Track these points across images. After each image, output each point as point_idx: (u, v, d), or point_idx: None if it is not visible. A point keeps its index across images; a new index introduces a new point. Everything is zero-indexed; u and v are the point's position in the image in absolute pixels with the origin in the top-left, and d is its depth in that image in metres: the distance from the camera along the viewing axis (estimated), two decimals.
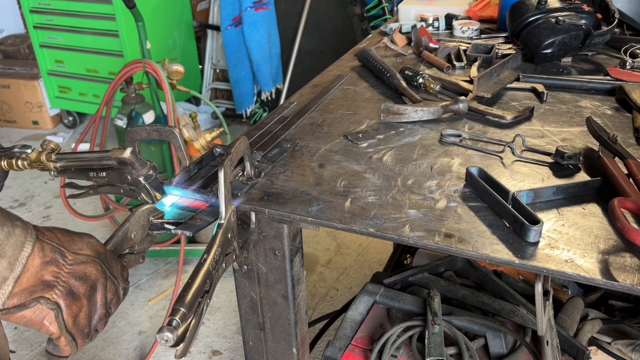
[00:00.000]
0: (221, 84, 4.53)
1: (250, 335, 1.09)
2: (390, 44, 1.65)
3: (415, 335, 1.22)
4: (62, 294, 0.71)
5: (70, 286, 0.72)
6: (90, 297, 0.75)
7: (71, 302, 0.72)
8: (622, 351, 1.27)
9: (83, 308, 0.74)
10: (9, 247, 0.66)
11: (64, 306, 0.71)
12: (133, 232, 0.85)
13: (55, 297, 0.70)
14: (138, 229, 0.86)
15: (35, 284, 0.69)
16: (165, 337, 0.64)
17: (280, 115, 1.21)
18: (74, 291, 0.72)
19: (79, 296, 0.73)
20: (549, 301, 1.08)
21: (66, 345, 0.73)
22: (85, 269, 0.74)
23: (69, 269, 0.72)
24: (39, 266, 0.69)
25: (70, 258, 0.73)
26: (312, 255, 2.95)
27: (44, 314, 0.69)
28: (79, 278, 0.73)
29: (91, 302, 0.75)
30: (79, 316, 0.73)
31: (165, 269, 2.90)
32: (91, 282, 0.75)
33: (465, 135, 1.09)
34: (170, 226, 0.87)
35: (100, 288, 0.76)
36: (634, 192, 0.83)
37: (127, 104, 2.65)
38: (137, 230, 0.86)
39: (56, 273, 0.71)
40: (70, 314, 0.72)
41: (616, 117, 1.15)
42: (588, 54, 1.49)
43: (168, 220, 0.88)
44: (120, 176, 0.91)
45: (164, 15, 3.98)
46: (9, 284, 0.66)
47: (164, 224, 0.88)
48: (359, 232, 0.84)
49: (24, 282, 0.68)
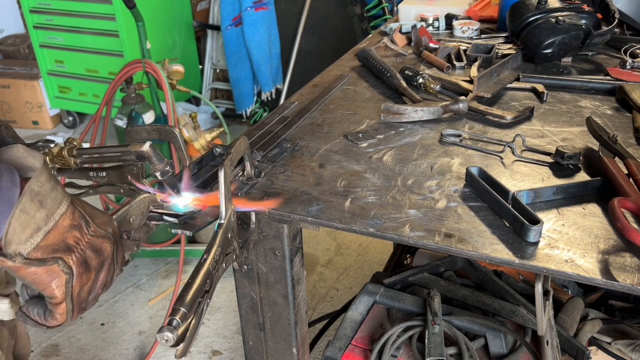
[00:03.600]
0: (221, 84, 4.53)
1: (250, 335, 1.09)
2: (390, 44, 1.65)
3: (415, 335, 1.22)
4: (77, 262, 0.71)
5: (85, 256, 0.72)
6: (98, 273, 0.75)
7: (83, 271, 0.72)
8: (622, 351, 1.27)
9: (89, 282, 0.73)
10: (50, 200, 0.67)
11: (76, 273, 0.71)
12: (132, 216, 0.85)
13: (71, 262, 0.70)
14: (137, 214, 0.86)
15: (59, 243, 0.69)
16: (165, 337, 0.64)
17: (280, 115, 1.21)
18: (87, 262, 0.72)
19: (90, 268, 0.73)
20: (549, 301, 1.08)
21: (63, 313, 0.72)
22: (102, 243, 0.75)
23: (89, 239, 0.73)
24: (66, 227, 0.69)
25: (92, 229, 0.73)
26: (312, 255, 2.95)
27: (55, 275, 0.68)
28: (95, 250, 0.73)
29: (96, 278, 0.75)
30: (84, 288, 0.73)
31: (165, 269, 2.90)
32: (103, 258, 0.75)
33: (465, 135, 1.09)
34: (169, 218, 0.87)
35: (107, 267, 0.76)
36: (634, 192, 0.83)
37: (127, 104, 2.65)
38: (136, 216, 0.86)
39: (77, 239, 0.71)
40: (79, 282, 0.71)
41: (616, 117, 1.15)
42: (588, 54, 1.49)
43: (167, 212, 0.88)
44: (120, 176, 0.91)
45: (164, 15, 3.98)
46: (39, 236, 0.66)
47: (162, 215, 0.88)
48: (359, 232, 0.84)
49: (50, 238, 0.68)
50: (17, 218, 0.63)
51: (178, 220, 0.87)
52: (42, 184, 0.66)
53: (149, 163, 0.84)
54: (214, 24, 4.31)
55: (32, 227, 0.65)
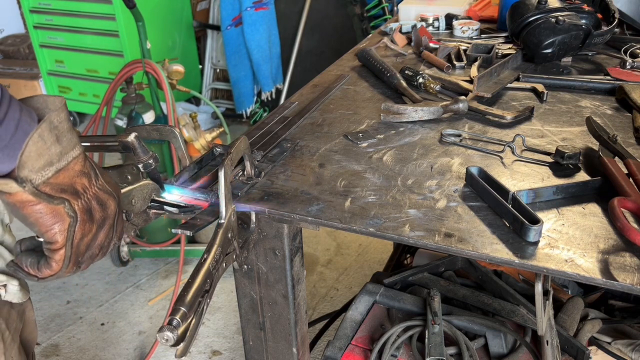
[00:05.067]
0: (221, 84, 4.53)
1: (250, 335, 1.09)
2: (391, 44, 1.65)
3: (415, 335, 1.22)
4: (82, 208, 0.71)
5: (90, 206, 0.72)
6: (99, 229, 0.74)
7: (86, 219, 0.72)
8: (622, 351, 1.27)
9: (89, 234, 0.73)
10: (66, 140, 0.68)
11: (79, 220, 0.71)
12: (135, 198, 0.85)
13: (76, 207, 0.70)
14: (140, 198, 0.86)
15: (68, 185, 0.69)
16: (165, 337, 0.64)
17: (280, 115, 1.21)
18: (92, 212, 0.72)
19: (93, 219, 0.73)
20: (549, 301, 1.08)
21: (60, 260, 0.71)
22: (108, 199, 0.75)
23: (96, 191, 0.73)
24: (76, 172, 0.70)
25: (100, 182, 0.74)
26: (312, 255, 2.95)
27: (59, 218, 0.68)
28: (100, 203, 0.74)
29: (96, 234, 0.75)
30: (84, 240, 0.73)
31: (165, 269, 2.90)
32: (106, 214, 0.75)
33: (465, 135, 1.09)
34: (169, 208, 0.88)
35: (107, 227, 0.76)
36: (634, 192, 0.83)
37: (127, 104, 2.65)
38: (138, 198, 0.86)
39: (85, 187, 0.72)
40: (81, 230, 0.71)
41: (616, 117, 1.15)
42: (588, 53, 1.49)
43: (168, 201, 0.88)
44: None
45: (164, 15, 3.98)
46: (51, 171, 0.67)
47: (163, 204, 0.88)
48: (359, 231, 0.84)
49: (61, 177, 0.68)
50: (35, 142, 0.64)
51: (179, 210, 0.87)
52: (61, 120, 0.67)
53: (134, 154, 0.85)
54: (214, 24, 4.32)
55: (45, 158, 0.66)
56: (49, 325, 2.55)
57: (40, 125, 0.65)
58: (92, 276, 2.86)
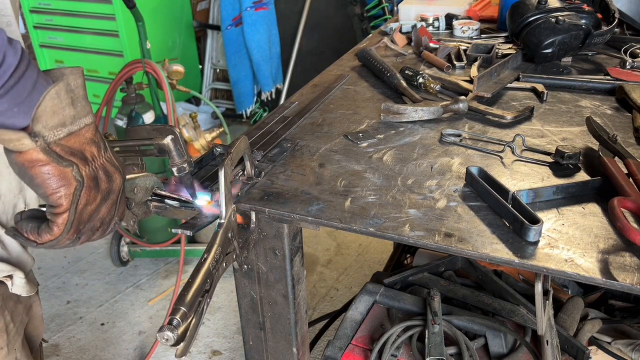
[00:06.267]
0: (221, 84, 4.53)
1: (250, 334, 1.09)
2: (391, 44, 1.65)
3: (415, 335, 1.22)
4: (89, 175, 0.72)
5: (97, 175, 0.73)
6: (102, 200, 0.75)
7: (92, 186, 0.72)
8: (622, 351, 1.27)
9: (93, 203, 0.73)
10: (80, 106, 0.70)
11: (85, 185, 0.71)
12: (137, 187, 0.86)
13: (84, 172, 0.71)
14: (142, 188, 0.86)
15: (78, 150, 0.70)
16: (165, 336, 0.64)
17: (280, 115, 1.21)
18: (98, 181, 0.73)
19: (99, 188, 0.74)
20: (549, 301, 1.08)
21: (62, 224, 0.71)
22: (114, 172, 0.76)
23: (104, 161, 0.74)
24: (87, 139, 0.71)
25: (108, 155, 0.75)
26: (312, 255, 2.95)
27: (65, 181, 0.69)
28: (107, 175, 0.74)
29: (100, 206, 0.75)
30: (87, 208, 0.73)
31: (165, 269, 2.90)
32: (111, 187, 0.75)
33: (465, 134, 1.09)
34: (170, 202, 0.88)
35: (110, 202, 0.76)
36: (634, 192, 0.83)
37: (127, 104, 2.65)
38: (140, 188, 0.86)
39: (94, 156, 0.73)
40: (85, 196, 0.72)
41: (616, 116, 1.15)
42: (588, 53, 1.49)
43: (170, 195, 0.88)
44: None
45: (164, 15, 3.98)
46: (63, 132, 0.68)
47: (164, 197, 0.88)
48: (359, 231, 0.84)
49: (72, 141, 0.70)
50: (51, 98, 0.66)
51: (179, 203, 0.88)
52: (78, 86, 0.69)
53: (169, 157, 0.85)
54: (214, 24, 4.32)
55: (59, 117, 0.68)
56: (49, 325, 2.55)
57: (58, 84, 0.66)
58: (92, 276, 2.87)
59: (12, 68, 0.62)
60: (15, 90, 0.63)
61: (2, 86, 0.62)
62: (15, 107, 0.64)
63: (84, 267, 2.93)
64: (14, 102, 0.64)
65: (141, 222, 2.81)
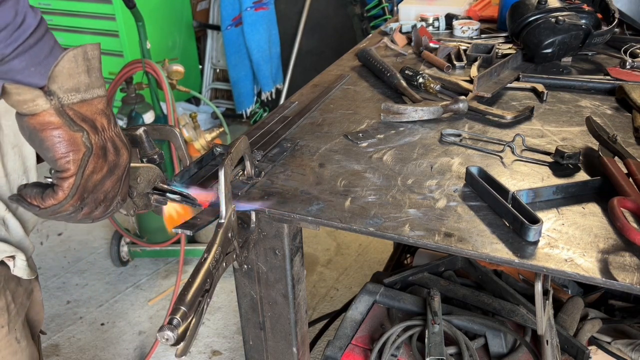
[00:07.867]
0: (221, 84, 4.53)
1: (250, 334, 1.09)
2: (391, 44, 1.65)
3: (415, 335, 1.22)
4: (98, 144, 0.72)
5: (106, 145, 0.74)
6: (109, 172, 0.75)
7: (100, 156, 0.73)
8: (622, 351, 1.27)
9: (100, 173, 0.74)
10: (94, 77, 0.72)
11: (94, 153, 0.72)
12: (140, 177, 0.86)
13: (93, 140, 0.72)
14: (144, 178, 0.87)
15: (89, 118, 0.71)
16: (165, 336, 0.64)
17: (280, 115, 1.21)
18: (106, 152, 0.74)
19: (106, 159, 0.74)
20: (549, 301, 1.08)
21: (67, 189, 0.71)
22: (122, 147, 0.76)
23: (113, 135, 0.75)
24: (99, 110, 0.72)
25: (117, 130, 0.76)
26: (312, 255, 2.95)
27: (75, 147, 0.70)
28: (115, 147, 0.75)
29: (105, 178, 0.75)
30: (93, 177, 0.73)
31: (165, 269, 2.90)
32: (118, 161, 0.76)
33: (465, 134, 1.09)
34: (172, 195, 0.88)
35: (116, 177, 0.76)
36: (634, 192, 0.83)
37: (127, 104, 2.65)
38: (143, 178, 0.86)
39: (104, 127, 0.73)
40: (92, 164, 0.72)
41: (616, 116, 1.16)
42: (588, 53, 1.49)
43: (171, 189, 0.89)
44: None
45: (164, 15, 3.98)
46: (77, 97, 0.70)
47: (166, 191, 0.89)
48: (358, 231, 0.84)
49: (84, 108, 0.71)
50: (69, 60, 0.68)
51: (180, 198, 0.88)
52: (94, 56, 0.71)
53: (140, 148, 0.86)
54: (214, 24, 4.31)
55: (75, 81, 0.69)
56: (49, 325, 2.55)
57: (76, 48, 0.68)
58: (92, 276, 2.87)
59: (31, 28, 0.65)
60: (33, 50, 0.65)
61: (22, 44, 0.64)
62: (32, 66, 0.66)
63: (84, 267, 2.93)
64: (32, 61, 0.66)
65: (141, 222, 2.81)
